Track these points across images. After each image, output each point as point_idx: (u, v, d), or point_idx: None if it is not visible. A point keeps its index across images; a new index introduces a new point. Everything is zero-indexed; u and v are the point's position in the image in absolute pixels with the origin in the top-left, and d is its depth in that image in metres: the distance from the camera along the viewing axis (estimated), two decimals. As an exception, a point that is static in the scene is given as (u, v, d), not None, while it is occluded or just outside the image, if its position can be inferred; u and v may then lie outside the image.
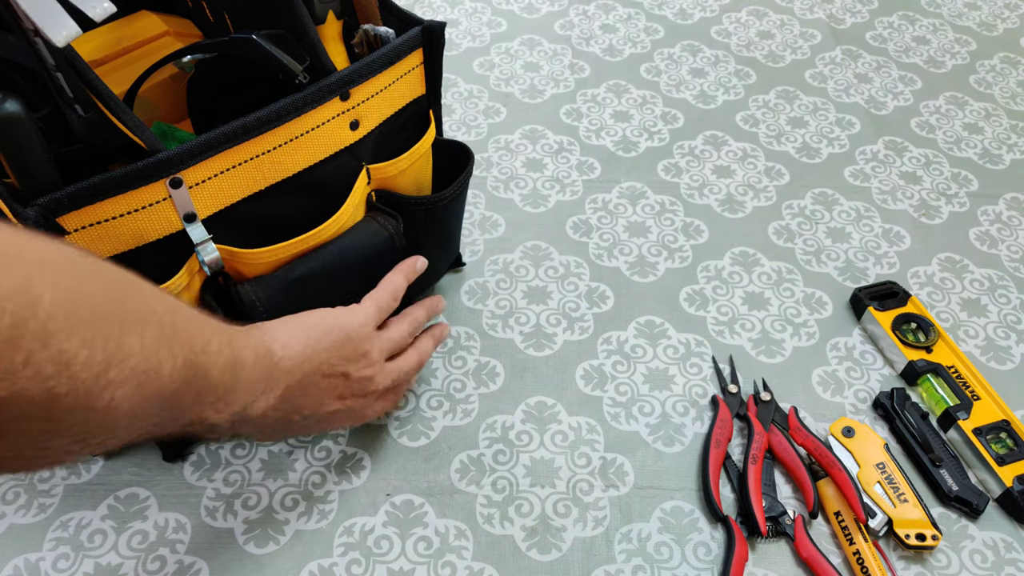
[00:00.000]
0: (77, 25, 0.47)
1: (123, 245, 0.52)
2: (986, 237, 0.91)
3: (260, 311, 0.59)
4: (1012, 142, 1.03)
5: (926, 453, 0.70)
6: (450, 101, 1.05)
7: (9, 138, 0.46)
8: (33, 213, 0.47)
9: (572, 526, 0.66)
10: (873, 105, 1.08)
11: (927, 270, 0.87)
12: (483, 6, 1.22)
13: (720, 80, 1.11)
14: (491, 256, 0.87)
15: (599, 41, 1.16)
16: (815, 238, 0.90)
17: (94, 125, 0.54)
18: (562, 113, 1.04)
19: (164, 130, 0.67)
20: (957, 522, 0.67)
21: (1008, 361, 0.79)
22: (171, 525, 0.65)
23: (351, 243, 0.62)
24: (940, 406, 0.73)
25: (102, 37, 0.71)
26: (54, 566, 0.63)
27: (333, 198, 0.61)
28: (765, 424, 0.71)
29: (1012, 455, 0.69)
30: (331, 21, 0.62)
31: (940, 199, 0.96)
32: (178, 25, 0.76)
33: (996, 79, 1.13)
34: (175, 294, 0.56)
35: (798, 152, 1.01)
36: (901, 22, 1.23)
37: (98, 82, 0.53)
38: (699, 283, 0.85)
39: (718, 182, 0.96)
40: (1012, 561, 0.65)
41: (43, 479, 0.68)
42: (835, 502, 0.66)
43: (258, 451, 0.70)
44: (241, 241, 0.58)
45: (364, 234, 0.63)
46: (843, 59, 1.15)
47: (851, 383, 0.77)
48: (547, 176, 0.96)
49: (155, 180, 0.51)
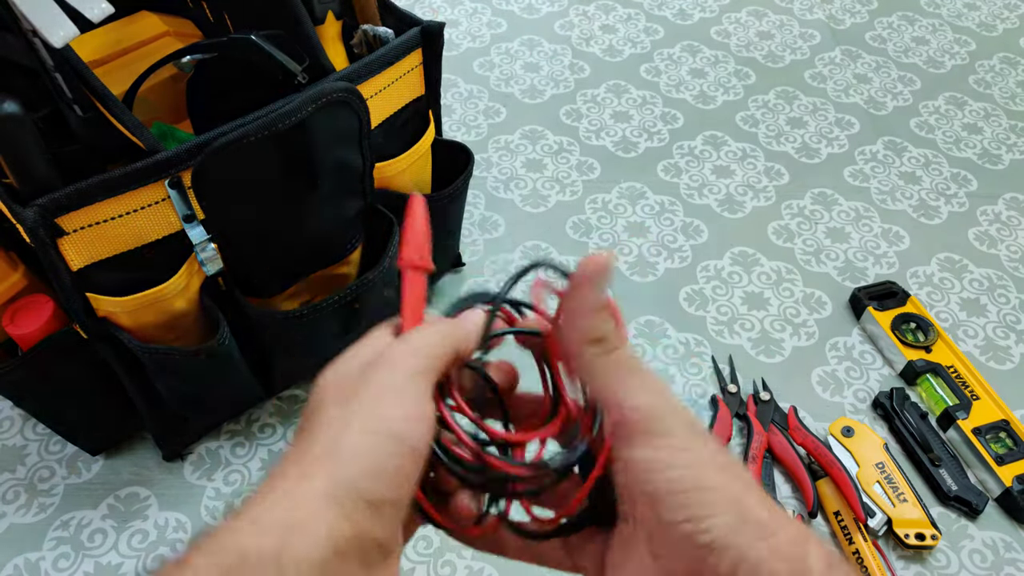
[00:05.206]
0: (75, 26, 0.47)
1: (122, 245, 0.52)
2: (985, 237, 0.91)
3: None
4: (1011, 142, 1.03)
5: (925, 453, 0.70)
6: (450, 101, 1.05)
7: (8, 138, 0.46)
8: (32, 213, 0.47)
9: (571, 526, 0.66)
10: (872, 105, 1.08)
11: (926, 270, 0.87)
12: (483, 7, 1.22)
13: (720, 80, 1.11)
14: (491, 256, 0.87)
15: (599, 41, 1.16)
16: (814, 238, 0.90)
17: (93, 125, 0.55)
18: (562, 113, 1.05)
19: (164, 130, 0.68)
20: (956, 522, 0.67)
21: (1007, 361, 0.79)
22: (171, 524, 0.65)
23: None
24: (939, 406, 0.73)
25: (102, 37, 0.71)
26: (54, 565, 0.63)
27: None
28: (764, 424, 0.71)
29: (1011, 455, 0.69)
30: (330, 21, 0.62)
31: (939, 199, 0.96)
32: (178, 25, 0.76)
33: (995, 79, 1.13)
34: (174, 294, 0.56)
35: (797, 152, 1.01)
36: (900, 22, 1.23)
37: (97, 82, 0.53)
38: (699, 283, 0.85)
39: (718, 182, 0.96)
40: (1011, 561, 0.65)
41: (43, 479, 0.68)
42: (834, 502, 0.66)
43: (258, 451, 0.70)
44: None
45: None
46: (842, 59, 1.15)
47: (850, 383, 0.77)
48: (547, 176, 0.96)
49: (154, 180, 0.51)
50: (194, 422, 0.69)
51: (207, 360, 0.60)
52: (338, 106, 0.55)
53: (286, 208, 0.59)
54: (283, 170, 0.56)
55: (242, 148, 0.52)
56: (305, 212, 0.60)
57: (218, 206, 0.55)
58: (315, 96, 0.53)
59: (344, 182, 0.61)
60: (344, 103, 0.56)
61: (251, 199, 0.57)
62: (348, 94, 0.55)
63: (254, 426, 0.72)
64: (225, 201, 0.55)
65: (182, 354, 0.58)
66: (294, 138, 0.54)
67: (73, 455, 0.70)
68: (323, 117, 0.55)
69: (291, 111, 0.53)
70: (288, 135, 0.53)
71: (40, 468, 0.69)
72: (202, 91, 0.68)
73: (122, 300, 0.54)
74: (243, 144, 0.52)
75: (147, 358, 0.58)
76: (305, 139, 0.55)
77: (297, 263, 0.65)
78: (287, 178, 0.56)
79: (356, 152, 0.60)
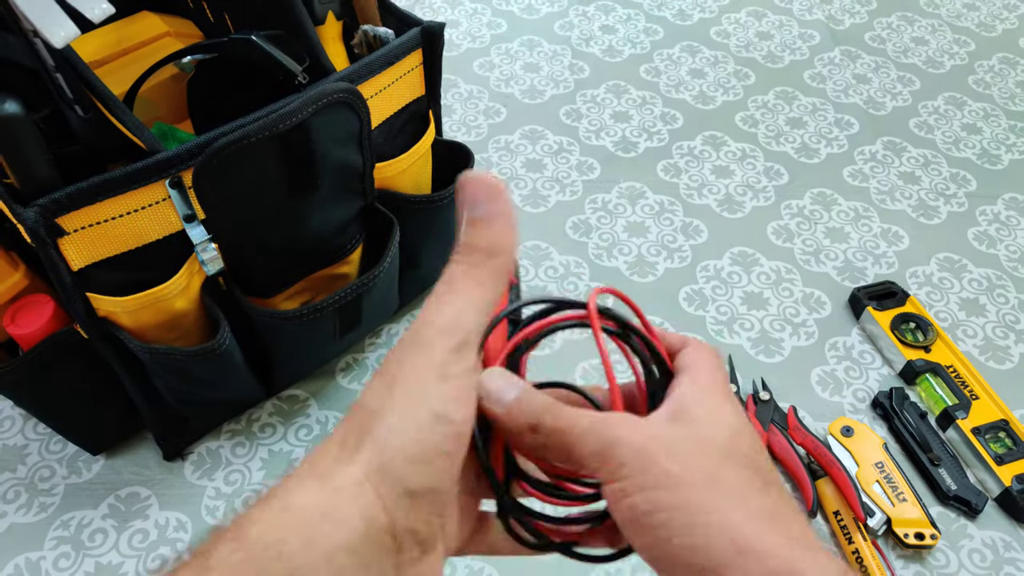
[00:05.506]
0: (76, 26, 0.47)
1: (123, 245, 0.52)
2: (984, 237, 0.91)
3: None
4: (1011, 142, 1.03)
5: (925, 452, 0.70)
6: (450, 101, 1.05)
7: (9, 138, 0.46)
8: (33, 213, 0.47)
9: (571, 525, 0.66)
10: (872, 105, 1.08)
11: (926, 270, 0.88)
12: (483, 7, 1.22)
13: (719, 81, 1.11)
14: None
15: (599, 42, 1.17)
16: (814, 238, 0.90)
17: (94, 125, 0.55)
18: (562, 114, 1.05)
19: (164, 130, 0.68)
20: (956, 521, 0.67)
21: (1007, 361, 0.79)
22: (172, 524, 0.66)
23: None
24: (939, 405, 0.73)
25: (103, 37, 0.71)
26: (55, 565, 0.63)
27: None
28: (764, 424, 0.71)
29: (1011, 454, 0.69)
30: (331, 22, 0.63)
31: (939, 199, 0.96)
32: (178, 25, 0.76)
33: (995, 80, 1.13)
34: (174, 294, 0.56)
35: (797, 152, 1.01)
36: (900, 23, 1.23)
37: (97, 83, 0.53)
38: (698, 283, 0.85)
39: (717, 182, 0.97)
40: (1011, 560, 0.65)
41: (44, 478, 0.68)
42: (834, 501, 0.67)
43: (258, 450, 0.70)
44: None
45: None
46: (842, 60, 1.15)
47: (850, 383, 0.77)
48: (547, 176, 0.96)
49: (155, 180, 0.51)
50: (194, 422, 0.70)
51: (207, 360, 0.60)
52: (339, 106, 0.55)
53: (287, 208, 0.59)
54: (284, 170, 0.56)
55: (243, 148, 0.52)
56: (305, 212, 0.60)
57: (219, 206, 0.55)
58: (316, 96, 0.53)
59: (344, 182, 0.61)
60: (345, 103, 0.56)
61: (252, 199, 0.57)
62: (349, 94, 0.55)
63: (254, 426, 0.72)
64: (225, 201, 0.55)
65: (182, 354, 0.58)
66: (295, 138, 0.54)
67: (74, 455, 0.70)
68: (324, 117, 0.55)
69: (292, 111, 0.53)
70: (289, 135, 0.53)
71: (41, 468, 0.69)
72: (203, 91, 0.69)
73: (123, 300, 0.54)
74: (244, 144, 0.52)
75: (147, 358, 0.58)
76: (306, 139, 0.55)
77: (297, 263, 0.65)
78: (288, 178, 0.57)
79: (356, 152, 0.60)
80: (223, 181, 0.54)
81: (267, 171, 0.55)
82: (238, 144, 0.51)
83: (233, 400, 0.72)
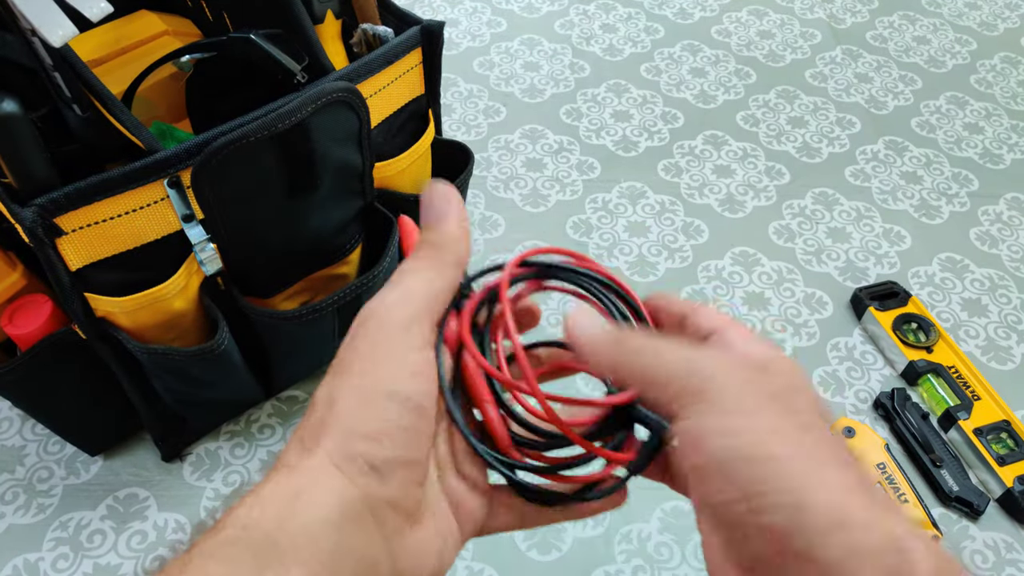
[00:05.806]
0: (74, 25, 0.47)
1: (121, 245, 0.52)
2: (987, 237, 0.91)
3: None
4: (1013, 142, 1.03)
5: (927, 453, 0.70)
6: (450, 101, 1.05)
7: (7, 138, 0.46)
8: (31, 213, 0.47)
9: (572, 526, 0.66)
10: (873, 105, 1.08)
11: (928, 270, 0.87)
12: (483, 6, 1.22)
13: (720, 80, 1.11)
14: (491, 256, 0.87)
15: (599, 41, 1.16)
16: (815, 238, 0.90)
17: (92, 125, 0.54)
18: (562, 113, 1.04)
19: (163, 130, 0.67)
20: (958, 522, 0.67)
21: (1009, 361, 0.79)
22: (171, 525, 0.65)
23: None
24: (941, 406, 0.73)
25: (101, 36, 0.71)
26: (53, 566, 0.63)
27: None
28: (765, 424, 0.71)
29: (1013, 455, 0.69)
30: (330, 20, 0.62)
31: (941, 199, 0.95)
32: (177, 24, 0.76)
33: (997, 79, 1.13)
34: (173, 295, 0.56)
35: (798, 152, 1.01)
36: (901, 22, 1.22)
37: (96, 82, 0.53)
38: (699, 283, 0.85)
39: (718, 182, 0.96)
40: (1013, 562, 0.65)
41: (42, 479, 0.68)
42: (835, 502, 0.66)
43: (257, 451, 0.70)
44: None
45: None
46: (843, 59, 1.15)
47: (851, 383, 0.77)
48: (547, 176, 0.96)
49: (153, 180, 0.51)
50: (193, 423, 0.69)
51: (206, 360, 0.60)
52: (338, 106, 0.55)
53: (286, 208, 0.58)
54: (283, 170, 0.55)
55: (242, 148, 0.52)
56: (305, 212, 0.60)
57: (217, 206, 0.55)
58: (315, 96, 0.53)
59: (344, 182, 0.61)
60: (344, 103, 0.55)
61: (250, 199, 0.56)
62: (348, 93, 0.55)
63: (253, 427, 0.72)
64: (224, 201, 0.55)
65: (181, 354, 0.58)
66: (294, 138, 0.54)
67: (72, 456, 0.69)
68: (323, 117, 0.54)
69: (291, 111, 0.52)
70: (288, 135, 0.53)
71: (39, 469, 0.69)
72: (201, 90, 0.68)
73: (121, 300, 0.54)
74: (243, 144, 0.51)
75: (146, 358, 0.58)
76: (305, 139, 0.54)
77: (297, 263, 0.64)
78: (287, 178, 0.56)
79: (356, 152, 0.60)
80: (222, 181, 0.53)
81: (266, 171, 0.55)
82: (237, 143, 0.51)
83: (232, 401, 0.71)
